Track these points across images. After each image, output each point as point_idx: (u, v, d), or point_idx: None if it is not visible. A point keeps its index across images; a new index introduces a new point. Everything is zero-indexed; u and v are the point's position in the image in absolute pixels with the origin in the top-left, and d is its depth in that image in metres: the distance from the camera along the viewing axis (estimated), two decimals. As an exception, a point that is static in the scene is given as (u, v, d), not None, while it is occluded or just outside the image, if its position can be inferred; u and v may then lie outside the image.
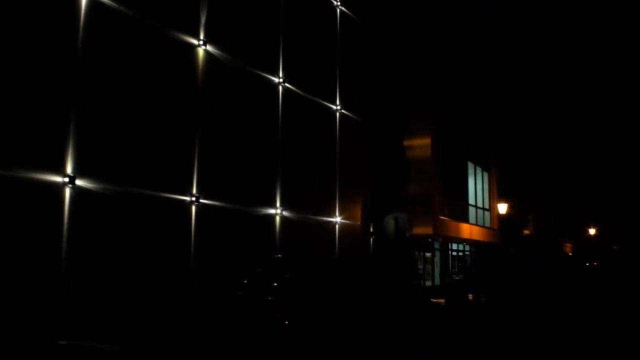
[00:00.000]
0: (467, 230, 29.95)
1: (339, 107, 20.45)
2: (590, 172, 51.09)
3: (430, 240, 27.74)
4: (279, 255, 15.89)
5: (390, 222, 16.88)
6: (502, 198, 32.93)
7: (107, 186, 11.76)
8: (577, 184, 50.50)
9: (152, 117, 13.04)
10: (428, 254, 29.20)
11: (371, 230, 22.82)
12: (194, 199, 13.86)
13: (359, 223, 21.36)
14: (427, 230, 25.08)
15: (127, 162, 12.37)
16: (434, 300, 21.10)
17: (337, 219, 19.82)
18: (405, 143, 25.99)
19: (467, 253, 34.37)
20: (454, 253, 32.39)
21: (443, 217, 26.94)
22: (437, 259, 30.24)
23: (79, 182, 11.21)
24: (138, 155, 12.66)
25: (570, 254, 48.67)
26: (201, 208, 14.04)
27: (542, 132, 40.55)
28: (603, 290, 20.06)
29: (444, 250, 30.13)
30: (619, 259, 38.33)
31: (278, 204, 16.85)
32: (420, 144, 25.63)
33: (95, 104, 11.76)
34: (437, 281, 27.67)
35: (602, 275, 22.43)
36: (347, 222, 20.39)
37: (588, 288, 20.13)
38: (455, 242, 31.40)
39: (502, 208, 28.18)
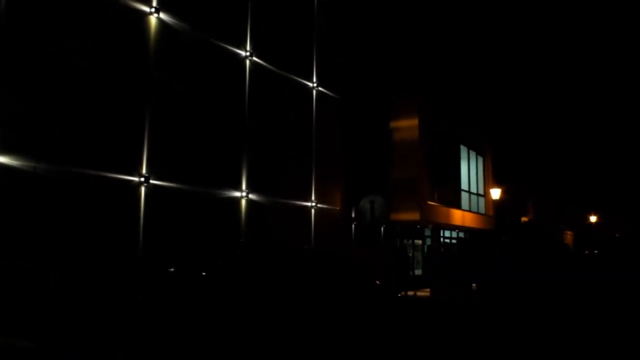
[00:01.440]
0: (459, 217, 28.72)
1: (315, 85, 19.22)
2: (592, 156, 49.72)
3: (419, 226, 26.56)
4: (241, 240, 14.84)
5: (365, 206, 15.69)
6: (498, 183, 31.68)
7: (30, 163, 10.66)
8: (578, 169, 49.11)
9: (92, 88, 11.89)
10: (418, 242, 28.05)
11: (353, 215, 21.66)
12: (142, 179, 12.72)
13: (337, 208, 20.22)
14: (414, 216, 23.88)
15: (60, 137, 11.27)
16: (419, 294, 20.26)
17: (313, 204, 18.67)
18: (392, 125, 24.74)
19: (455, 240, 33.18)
20: (447, 240, 31.21)
21: (432, 203, 25.70)
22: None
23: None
24: (76, 130, 11.55)
25: (565, 241, 47.46)
26: (151, 190, 12.92)
27: (541, 113, 39.08)
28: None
29: (435, 237, 28.97)
30: (620, 247, 37.16)
31: (244, 187, 15.70)
32: (406, 126, 24.36)
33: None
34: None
35: (601, 263, 21.30)
36: (325, 207, 19.25)
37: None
38: (447, 229, 30.22)
39: (495, 193, 26.92)
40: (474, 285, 21.74)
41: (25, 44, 10.75)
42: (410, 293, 19.90)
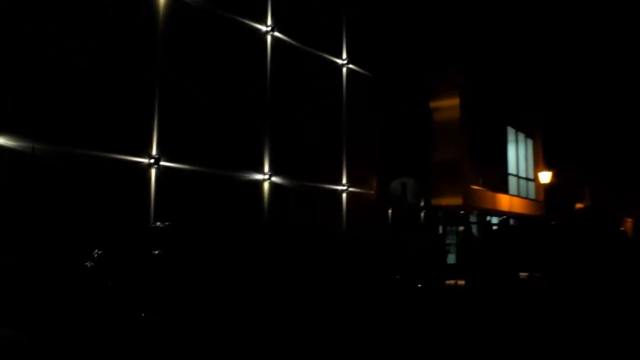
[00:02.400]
0: (507, 202, 27.16)
1: (345, 62, 18.14)
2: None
3: (462, 212, 25.15)
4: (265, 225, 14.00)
5: (396, 188, 14.62)
6: (550, 166, 29.89)
7: (27, 144, 10.02)
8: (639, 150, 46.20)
9: (96, 62, 11.19)
10: (462, 228, 26.63)
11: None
12: (152, 161, 11.99)
13: (372, 192, 19.08)
14: (456, 200, 22.59)
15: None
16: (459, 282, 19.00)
17: (344, 187, 17.64)
18: (431, 105, 23.42)
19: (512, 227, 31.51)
20: (494, 227, 29.61)
21: (476, 187, 24.30)
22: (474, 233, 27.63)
23: None
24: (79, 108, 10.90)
25: (624, 229, 44.70)
26: (162, 172, 12.18)
27: (598, 91, 36.59)
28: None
29: (482, 223, 27.51)
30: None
31: (266, 169, 14.82)
32: (447, 106, 23.02)
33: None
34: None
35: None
36: (358, 190, 18.17)
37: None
38: (493, 215, 28.66)
39: (545, 177, 25.29)
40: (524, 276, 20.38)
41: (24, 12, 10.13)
42: (451, 282, 18.75)
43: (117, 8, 11.68)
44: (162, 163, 12.13)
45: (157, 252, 7.00)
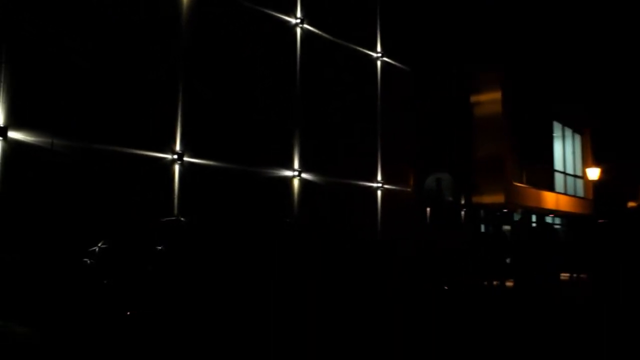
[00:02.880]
0: (553, 200, 26.01)
1: (380, 55, 17.55)
2: None
3: (505, 210, 24.18)
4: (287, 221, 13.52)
5: (431, 185, 13.95)
6: (600, 163, 28.54)
7: (46, 139, 9.81)
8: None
9: (118, 56, 10.94)
10: (506, 227, 25.62)
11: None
12: (176, 156, 11.69)
13: (409, 190, 18.42)
14: (497, 198, 21.66)
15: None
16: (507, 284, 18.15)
17: (379, 184, 17.04)
18: (472, 99, 22.54)
19: (556, 227, 30.24)
20: (535, 226, 28.47)
21: (519, 184, 23.28)
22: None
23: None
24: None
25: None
26: (186, 168, 11.87)
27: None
28: None
29: (525, 222, 26.41)
30: None
31: (296, 165, 14.37)
32: (489, 100, 22.11)
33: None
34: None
35: None
36: (394, 188, 17.54)
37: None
38: (539, 214, 27.52)
39: (593, 173, 24.03)
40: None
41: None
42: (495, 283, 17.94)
43: (142, 3, 11.43)
44: (186, 159, 11.81)
45: (160, 247, 6.61)
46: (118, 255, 6.59)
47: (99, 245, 6.87)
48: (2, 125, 9.27)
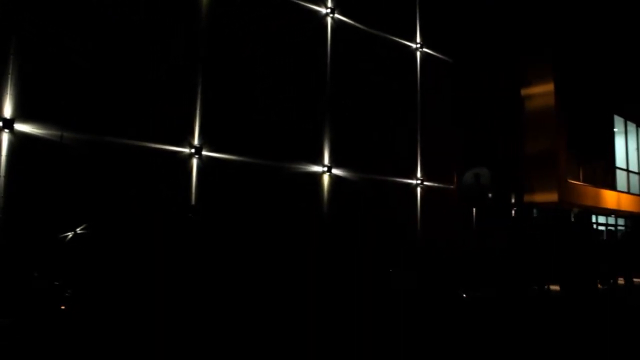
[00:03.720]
0: (614, 199, 24.34)
1: (419, 45, 16.70)
2: None
3: (559, 209, 22.77)
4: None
5: (469, 181, 13.03)
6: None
7: (55, 132, 9.52)
8: None
9: (130, 42, 10.60)
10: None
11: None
12: (193, 150, 11.25)
13: (452, 187, 17.46)
14: (550, 197, 20.34)
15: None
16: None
17: (418, 181, 16.18)
18: (523, 92, 21.32)
19: (620, 228, 28.43)
20: (601, 227, 26.78)
21: (574, 182, 21.86)
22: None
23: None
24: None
25: None
26: (205, 163, 11.41)
27: None
28: None
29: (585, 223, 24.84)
30: None
31: (326, 160, 13.72)
32: (540, 92, 20.82)
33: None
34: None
35: None
36: (435, 185, 16.63)
37: None
38: (600, 215, 25.89)
39: (657, 169, 22.38)
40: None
41: None
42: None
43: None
44: (205, 153, 11.35)
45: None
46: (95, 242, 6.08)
47: (77, 230, 6.38)
48: (8, 118, 9.03)
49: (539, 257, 18.94)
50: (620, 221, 28.20)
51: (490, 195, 13.00)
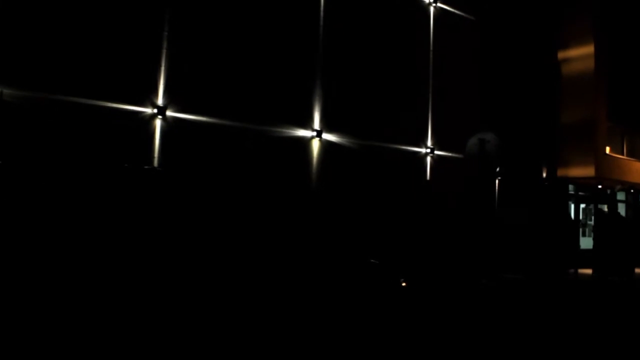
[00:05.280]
0: (664, 176, 22.03)
1: (432, 0, 15.05)
2: None
3: (600, 186, 20.73)
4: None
5: (473, 147, 11.48)
6: None
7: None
8: None
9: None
10: (603, 207, 22.09)
11: (497, 169, 17.09)
12: (156, 110, 10.15)
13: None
14: (586, 171, 18.37)
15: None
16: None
17: (428, 150, 14.67)
18: (560, 55, 19.27)
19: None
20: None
21: (616, 155, 19.76)
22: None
23: None
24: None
25: None
26: (171, 124, 10.30)
27: None
28: None
29: (635, 202, 22.65)
30: None
31: (316, 123, 12.41)
32: (579, 55, 18.73)
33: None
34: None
35: None
36: (449, 154, 15.08)
37: None
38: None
39: None
40: None
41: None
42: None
43: None
44: (170, 113, 10.25)
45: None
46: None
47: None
48: None
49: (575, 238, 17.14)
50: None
51: (497, 164, 11.41)
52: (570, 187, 19.85)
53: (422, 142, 14.63)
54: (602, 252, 15.90)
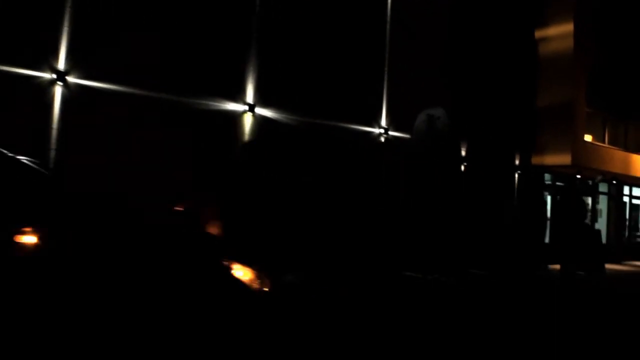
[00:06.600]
0: (648, 167, 20.72)
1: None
2: None
3: (579, 176, 19.44)
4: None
5: (421, 123, 10.21)
6: None
7: None
8: None
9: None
10: (587, 199, 20.80)
11: (462, 154, 15.82)
12: (55, 76, 8.87)
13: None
14: (563, 159, 17.05)
15: None
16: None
17: (382, 130, 13.40)
18: (538, 34, 17.93)
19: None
20: (637, 201, 23.18)
21: (595, 143, 18.47)
22: (602, 208, 21.65)
23: None
24: None
25: None
26: (73, 91, 9.04)
27: None
28: None
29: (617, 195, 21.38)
30: None
31: (249, 96, 11.12)
32: (558, 34, 17.38)
33: None
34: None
35: None
36: (406, 136, 13.78)
37: None
38: (636, 186, 22.30)
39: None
40: None
41: None
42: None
43: None
44: (72, 79, 9.01)
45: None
46: None
47: None
48: None
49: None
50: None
51: (446, 142, 10.11)
52: (548, 176, 18.58)
53: (375, 122, 13.36)
54: (558, 245, 14.72)
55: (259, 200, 8.53)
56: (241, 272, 3.99)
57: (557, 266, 14.77)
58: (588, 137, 18.20)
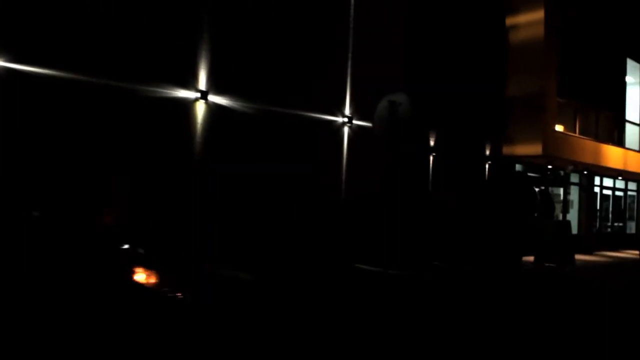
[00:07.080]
0: (619, 158, 20.45)
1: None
2: None
3: (551, 167, 19.12)
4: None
5: (382, 109, 9.65)
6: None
7: None
8: None
9: None
10: (557, 190, 20.53)
11: (431, 144, 15.34)
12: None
13: (398, 131, 13.98)
14: (533, 149, 16.68)
15: None
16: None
17: (346, 119, 12.84)
18: (508, 22, 17.50)
19: (630, 193, 24.57)
20: (607, 192, 23.01)
21: (566, 132, 18.13)
22: (574, 199, 21.39)
23: None
24: None
25: None
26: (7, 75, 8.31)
27: None
28: None
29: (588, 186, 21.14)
30: None
31: (201, 83, 10.45)
32: (528, 22, 16.98)
33: None
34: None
35: None
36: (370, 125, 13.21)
37: None
38: (605, 176, 22.11)
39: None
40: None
41: None
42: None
43: None
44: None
45: None
46: None
47: None
48: None
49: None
50: (632, 185, 24.33)
51: (408, 130, 9.57)
52: (519, 167, 18.21)
53: (338, 110, 12.79)
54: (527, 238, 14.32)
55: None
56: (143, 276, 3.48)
57: (531, 258, 14.42)
58: (559, 127, 17.85)
